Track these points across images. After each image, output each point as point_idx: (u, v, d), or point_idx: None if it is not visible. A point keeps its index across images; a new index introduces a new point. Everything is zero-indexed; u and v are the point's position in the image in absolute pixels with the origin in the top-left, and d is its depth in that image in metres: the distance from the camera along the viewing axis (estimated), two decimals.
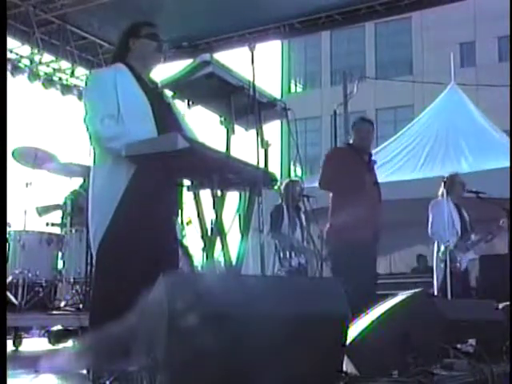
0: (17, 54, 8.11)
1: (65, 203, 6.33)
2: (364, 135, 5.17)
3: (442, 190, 6.13)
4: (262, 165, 2.89)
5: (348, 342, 2.31)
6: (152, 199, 2.85)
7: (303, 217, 6.60)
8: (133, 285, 2.49)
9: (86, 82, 3.22)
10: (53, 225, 6.38)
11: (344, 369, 2.48)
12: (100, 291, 2.92)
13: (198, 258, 5.00)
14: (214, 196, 2.80)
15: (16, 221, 6.16)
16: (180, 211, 3.17)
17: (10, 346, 5.90)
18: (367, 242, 4.86)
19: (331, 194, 5.13)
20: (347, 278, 2.90)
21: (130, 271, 2.79)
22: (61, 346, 6.33)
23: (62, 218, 6.38)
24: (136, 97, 2.98)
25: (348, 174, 4.95)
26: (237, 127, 3.04)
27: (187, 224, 4.13)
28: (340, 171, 5.00)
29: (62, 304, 5.98)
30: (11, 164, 6.03)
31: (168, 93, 3.15)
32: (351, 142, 5.31)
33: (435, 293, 6.23)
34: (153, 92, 3.07)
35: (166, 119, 3.01)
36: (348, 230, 4.68)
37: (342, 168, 5.02)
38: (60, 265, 6.19)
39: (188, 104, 3.07)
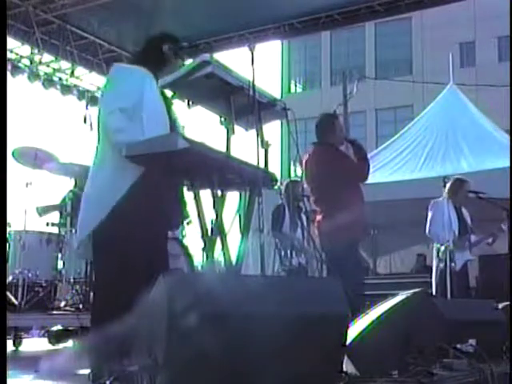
0: (17, 54, 8.12)
1: (64, 203, 6.32)
2: (342, 130, 5.16)
3: (444, 190, 6.13)
4: (262, 165, 2.90)
5: (348, 341, 2.31)
6: (152, 199, 2.85)
7: (304, 217, 6.59)
8: (132, 285, 2.49)
9: (109, 73, 3.17)
10: (53, 225, 6.36)
11: (344, 369, 2.48)
12: (100, 291, 2.92)
13: (198, 257, 5.01)
14: (214, 196, 2.80)
15: (16, 221, 6.16)
16: (183, 212, 3.17)
17: (10, 345, 5.89)
18: (359, 238, 4.94)
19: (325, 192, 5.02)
20: (346, 277, 2.90)
21: (129, 271, 2.79)
22: (61, 346, 6.33)
23: (60, 218, 6.37)
24: (160, 106, 3.00)
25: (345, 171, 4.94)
26: (237, 127, 3.05)
27: (187, 224, 4.14)
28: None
29: (62, 304, 5.97)
30: (11, 164, 6.03)
31: (168, 93, 3.15)
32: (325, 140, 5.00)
33: (433, 293, 6.22)
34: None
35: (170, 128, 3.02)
36: (345, 228, 4.68)
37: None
38: (60, 265, 6.18)
39: (188, 104, 3.07)
